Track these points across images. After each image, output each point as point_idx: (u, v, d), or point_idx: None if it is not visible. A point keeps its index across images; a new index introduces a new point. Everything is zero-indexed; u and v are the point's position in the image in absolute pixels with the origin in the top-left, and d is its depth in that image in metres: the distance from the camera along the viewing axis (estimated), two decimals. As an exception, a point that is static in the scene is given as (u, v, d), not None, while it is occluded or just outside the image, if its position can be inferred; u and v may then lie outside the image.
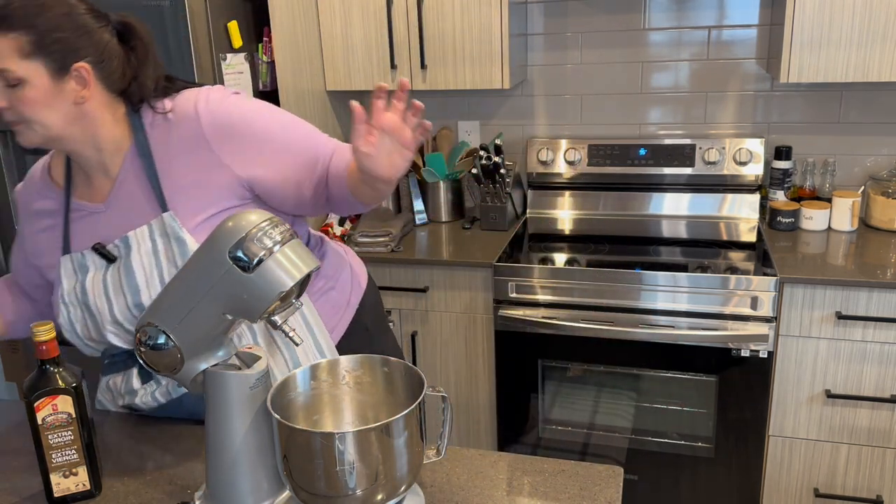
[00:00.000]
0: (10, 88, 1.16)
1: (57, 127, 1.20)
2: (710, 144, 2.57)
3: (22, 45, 1.14)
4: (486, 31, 2.38)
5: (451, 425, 1.12)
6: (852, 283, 2.02)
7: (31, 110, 1.17)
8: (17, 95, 1.16)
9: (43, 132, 1.20)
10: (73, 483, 1.15)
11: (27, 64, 1.15)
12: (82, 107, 1.21)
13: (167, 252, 1.25)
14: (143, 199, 1.27)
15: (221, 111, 1.26)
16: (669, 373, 2.25)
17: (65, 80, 1.18)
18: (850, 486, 2.20)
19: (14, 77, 1.15)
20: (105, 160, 1.28)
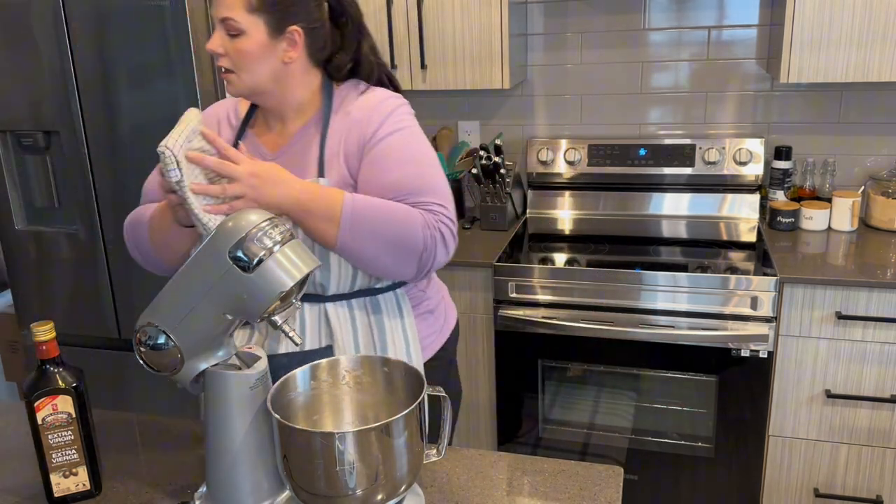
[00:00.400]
0: (231, 37, 1.28)
1: (262, 81, 1.32)
2: (710, 144, 2.57)
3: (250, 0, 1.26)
4: (486, 31, 2.38)
5: (451, 425, 1.12)
6: (852, 283, 2.02)
7: (244, 61, 1.30)
8: (235, 45, 1.28)
9: (249, 83, 1.32)
10: (73, 483, 1.15)
11: (250, 18, 1.27)
12: (286, 67, 1.33)
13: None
14: (309, 160, 1.37)
15: (393, 138, 1.36)
16: (669, 373, 2.25)
17: (278, 40, 1.30)
18: (850, 486, 2.20)
19: (236, 27, 1.27)
20: (290, 117, 1.40)
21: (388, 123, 1.36)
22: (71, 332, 2.55)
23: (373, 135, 1.35)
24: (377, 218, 1.27)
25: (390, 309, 1.43)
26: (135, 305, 2.47)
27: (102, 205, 2.39)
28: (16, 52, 2.31)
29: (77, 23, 2.23)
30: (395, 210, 1.28)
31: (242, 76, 1.32)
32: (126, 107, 2.27)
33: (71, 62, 2.27)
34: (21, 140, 2.42)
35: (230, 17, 1.27)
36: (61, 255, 2.48)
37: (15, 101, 2.37)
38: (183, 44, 2.16)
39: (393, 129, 1.36)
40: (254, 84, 1.33)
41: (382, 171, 1.33)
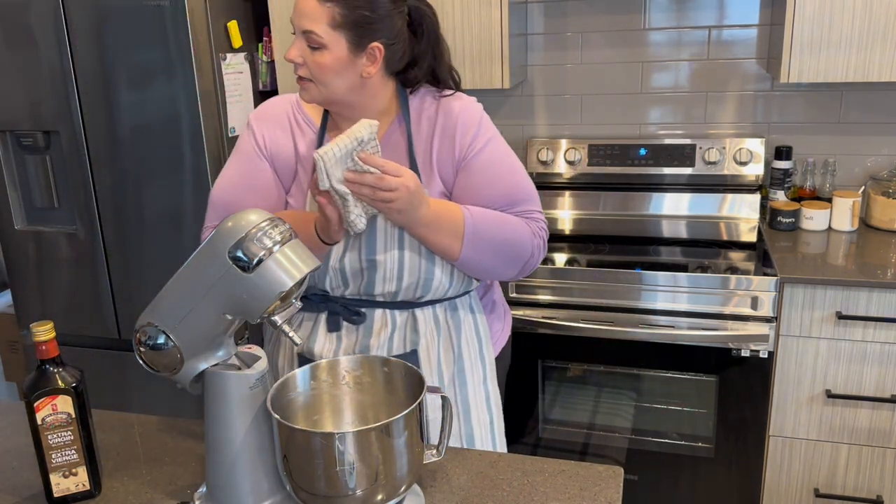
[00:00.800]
0: (312, 49, 1.28)
1: (339, 93, 1.33)
2: (711, 144, 2.57)
3: (334, 15, 1.26)
4: (486, 30, 2.38)
5: (451, 425, 1.12)
6: (852, 283, 2.01)
7: (322, 73, 1.30)
8: (315, 57, 1.28)
9: (325, 94, 1.32)
10: (72, 483, 1.15)
11: (333, 33, 1.27)
12: (364, 80, 1.33)
13: None
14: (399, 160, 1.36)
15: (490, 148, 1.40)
16: (669, 373, 2.25)
17: (359, 56, 1.30)
18: (850, 486, 2.20)
19: (318, 41, 1.27)
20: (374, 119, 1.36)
21: (481, 133, 1.39)
22: (71, 332, 2.55)
23: (470, 145, 1.38)
24: (494, 232, 1.35)
25: (464, 307, 1.47)
26: (135, 305, 2.47)
27: (102, 205, 2.39)
28: (16, 52, 2.31)
29: (77, 23, 2.23)
30: (507, 222, 1.37)
31: (320, 87, 1.32)
32: (126, 107, 2.27)
33: (71, 62, 2.27)
34: (21, 140, 2.42)
35: (313, 30, 1.26)
36: (61, 255, 2.48)
37: (15, 101, 2.37)
38: (183, 44, 2.16)
39: (487, 139, 1.40)
40: (330, 95, 1.33)
41: (488, 184, 1.38)
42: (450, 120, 1.39)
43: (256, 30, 2.47)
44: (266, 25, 2.48)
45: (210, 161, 2.26)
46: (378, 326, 1.40)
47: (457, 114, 1.39)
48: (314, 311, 1.42)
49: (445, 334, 1.44)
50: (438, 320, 1.43)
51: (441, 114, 1.39)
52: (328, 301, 1.40)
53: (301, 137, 1.42)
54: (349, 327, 1.41)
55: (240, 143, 1.44)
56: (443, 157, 1.38)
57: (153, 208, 2.34)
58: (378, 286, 1.37)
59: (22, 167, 2.46)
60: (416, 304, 1.41)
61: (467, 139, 1.38)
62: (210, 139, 2.25)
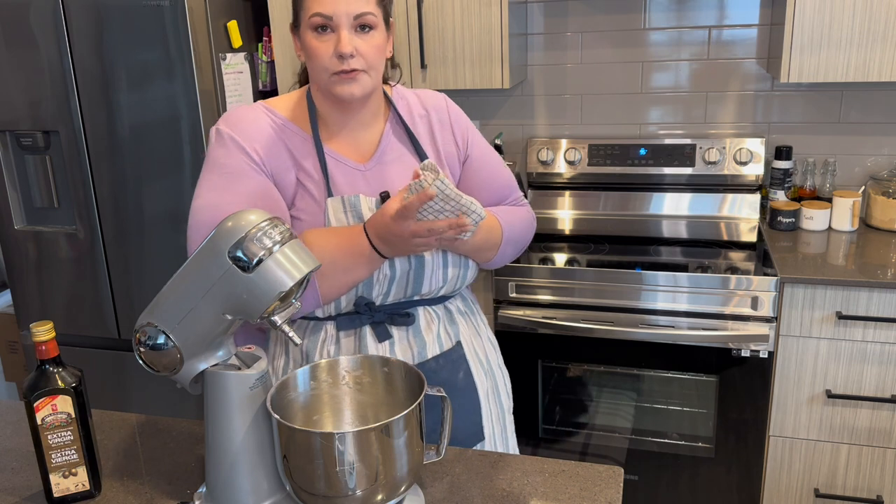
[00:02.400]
0: (360, 34, 1.23)
1: (379, 76, 1.29)
2: (711, 144, 2.57)
3: None
4: (486, 30, 2.38)
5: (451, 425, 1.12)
6: (853, 283, 2.01)
7: (376, 57, 1.25)
8: (368, 42, 1.23)
9: (373, 82, 1.27)
10: (72, 483, 1.15)
11: (378, 11, 1.24)
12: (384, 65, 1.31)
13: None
14: (409, 161, 1.36)
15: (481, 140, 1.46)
16: (670, 373, 2.24)
17: (389, 31, 1.30)
18: (850, 486, 2.20)
19: (373, 21, 1.23)
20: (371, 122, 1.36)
21: (468, 123, 1.43)
22: (71, 332, 2.55)
23: (468, 138, 1.41)
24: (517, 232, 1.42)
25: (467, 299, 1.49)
26: (134, 305, 2.46)
27: (102, 204, 2.39)
28: (16, 52, 2.31)
29: (77, 23, 2.23)
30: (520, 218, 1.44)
31: (371, 74, 1.25)
32: (125, 107, 2.27)
33: (70, 62, 2.27)
34: (21, 140, 2.42)
35: (369, 10, 1.22)
36: (61, 255, 2.48)
37: (15, 100, 2.37)
38: (182, 44, 2.16)
39: (474, 129, 1.45)
40: (375, 83, 1.28)
41: (492, 177, 1.44)
42: (442, 114, 1.40)
43: (256, 30, 2.47)
44: (266, 25, 2.48)
45: (210, 161, 2.25)
46: (425, 325, 1.37)
47: (444, 107, 1.41)
48: (353, 327, 1.33)
49: (471, 323, 1.46)
50: (462, 311, 1.44)
51: (430, 109, 1.40)
52: (372, 311, 1.33)
53: (295, 150, 1.30)
54: (399, 334, 1.35)
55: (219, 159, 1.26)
56: (449, 151, 1.39)
57: (153, 208, 2.34)
58: (426, 284, 1.33)
59: (22, 167, 2.46)
60: (447, 297, 1.41)
61: (464, 132, 1.41)
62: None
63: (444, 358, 1.37)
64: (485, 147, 1.45)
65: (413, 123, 1.39)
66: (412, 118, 1.39)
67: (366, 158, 1.35)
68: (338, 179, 1.32)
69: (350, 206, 1.29)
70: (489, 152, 1.45)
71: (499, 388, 1.49)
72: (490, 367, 1.47)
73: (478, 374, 1.42)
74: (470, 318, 1.46)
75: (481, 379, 1.43)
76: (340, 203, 1.29)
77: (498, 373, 1.50)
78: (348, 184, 1.32)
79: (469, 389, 1.40)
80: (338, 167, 1.32)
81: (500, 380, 1.50)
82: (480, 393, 1.42)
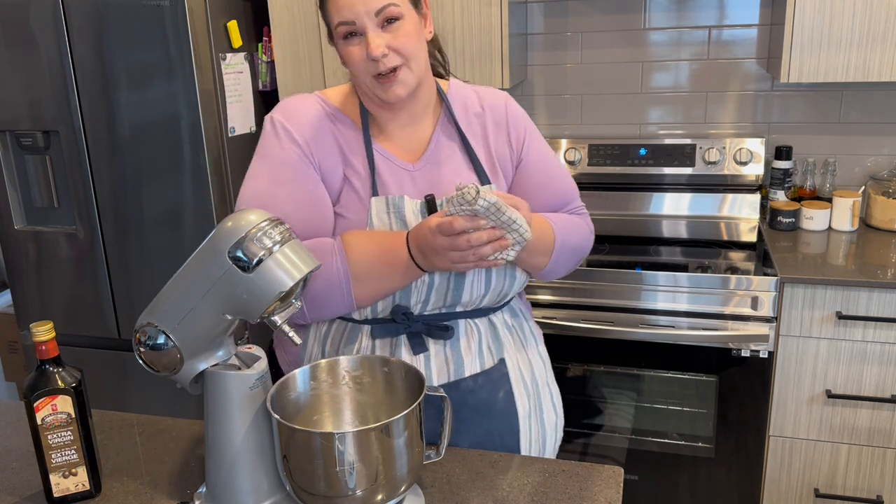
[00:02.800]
0: (387, 30, 1.17)
1: (422, 64, 1.23)
2: (711, 144, 2.57)
3: None
4: (486, 30, 2.38)
5: (451, 425, 1.12)
6: (853, 283, 2.01)
7: (411, 45, 1.19)
8: (398, 34, 1.17)
9: (417, 72, 1.21)
10: (72, 483, 1.15)
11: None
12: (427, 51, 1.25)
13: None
14: (460, 163, 1.30)
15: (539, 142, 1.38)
16: (670, 373, 2.24)
17: (420, 12, 1.23)
18: (850, 486, 2.20)
19: (398, 11, 1.17)
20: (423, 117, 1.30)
21: (530, 128, 1.36)
22: (71, 332, 2.55)
23: (524, 140, 1.34)
24: (572, 240, 1.34)
25: (520, 311, 1.42)
26: (134, 305, 2.46)
27: (102, 205, 2.39)
28: (16, 52, 2.31)
29: (77, 23, 2.23)
30: (577, 228, 1.36)
31: (413, 66, 1.20)
32: (125, 107, 2.27)
33: (70, 62, 2.27)
34: (21, 140, 2.42)
35: (389, 2, 1.16)
36: (61, 255, 2.48)
37: (15, 101, 2.37)
38: (183, 44, 2.16)
39: (535, 134, 1.37)
40: (420, 72, 1.22)
41: (548, 183, 1.36)
42: (499, 114, 1.33)
43: (256, 30, 2.47)
44: (266, 25, 2.48)
45: (210, 161, 2.26)
46: (465, 340, 1.29)
47: (504, 107, 1.34)
48: (388, 336, 1.28)
49: (517, 338, 1.37)
50: (509, 325, 1.36)
51: (487, 108, 1.33)
52: (410, 321, 1.27)
53: (345, 143, 1.28)
54: (436, 347, 1.28)
55: (270, 150, 1.25)
56: (502, 152, 1.33)
57: (153, 208, 2.34)
58: (466, 293, 1.26)
59: (22, 167, 2.46)
60: (491, 309, 1.32)
61: (521, 134, 1.34)
62: (210, 139, 2.25)
63: (484, 377, 1.30)
64: (544, 152, 1.37)
65: (467, 121, 1.32)
66: (467, 116, 1.33)
67: (415, 157, 1.30)
68: (385, 178, 1.27)
69: (394, 206, 1.24)
70: (548, 158, 1.37)
71: (543, 407, 1.40)
72: (536, 386, 1.38)
73: (520, 394, 1.34)
74: (517, 332, 1.38)
75: (523, 400, 1.34)
76: (384, 203, 1.24)
77: (545, 390, 1.41)
78: (395, 183, 1.27)
79: (508, 411, 1.32)
80: (385, 165, 1.28)
81: (546, 398, 1.41)
82: (521, 414, 1.34)
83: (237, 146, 2.37)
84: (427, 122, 1.31)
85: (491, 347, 1.32)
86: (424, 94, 1.29)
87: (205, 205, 2.28)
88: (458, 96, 1.34)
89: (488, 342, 1.32)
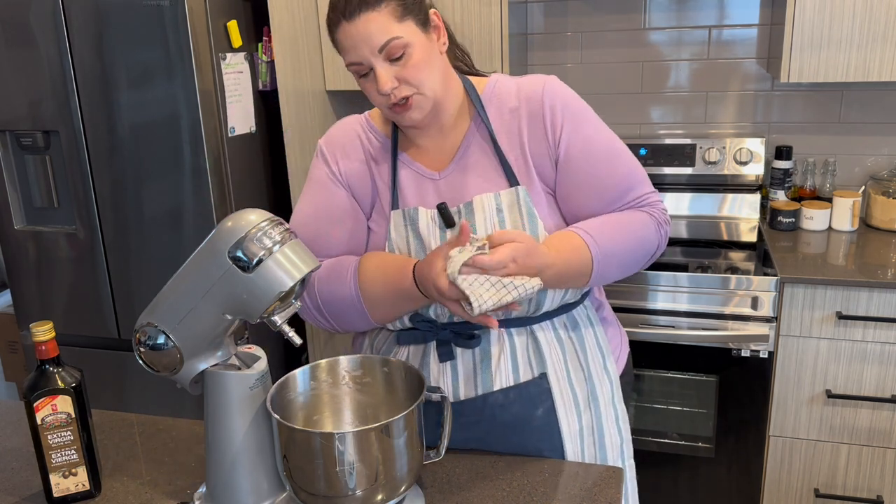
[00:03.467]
0: (395, 62, 1.16)
1: (439, 87, 1.21)
2: (711, 144, 2.57)
3: (394, 9, 1.15)
4: (486, 30, 2.38)
5: (451, 426, 1.12)
6: (853, 283, 2.01)
7: (420, 74, 1.17)
8: (406, 65, 1.16)
9: (432, 95, 1.20)
10: (72, 483, 1.15)
11: (404, 26, 1.15)
12: (444, 61, 1.23)
13: (516, 225, 1.21)
14: (488, 171, 1.25)
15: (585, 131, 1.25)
16: (670, 373, 2.24)
17: (429, 31, 1.20)
18: (850, 486, 2.20)
19: (401, 43, 1.15)
20: (448, 127, 1.28)
21: (568, 114, 1.23)
22: (71, 332, 2.55)
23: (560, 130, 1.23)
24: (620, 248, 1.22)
25: (583, 321, 1.32)
26: (134, 305, 2.46)
27: (102, 205, 2.39)
28: (16, 52, 2.31)
29: (77, 23, 2.23)
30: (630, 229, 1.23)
31: (426, 91, 1.19)
32: (125, 107, 2.26)
33: (70, 62, 2.27)
34: (20, 140, 2.42)
35: (391, 37, 1.14)
36: (61, 255, 2.48)
37: (15, 101, 2.37)
38: (182, 44, 2.16)
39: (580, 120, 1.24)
40: (435, 94, 1.20)
41: (594, 178, 1.23)
42: (534, 104, 1.24)
43: (256, 30, 2.47)
44: (266, 25, 2.48)
45: (210, 161, 2.26)
46: (496, 350, 1.24)
47: (541, 95, 1.24)
48: (421, 343, 1.26)
49: (571, 352, 1.28)
50: (560, 338, 1.27)
51: (523, 100, 1.25)
52: (436, 328, 1.24)
53: (375, 158, 1.30)
54: (464, 357, 1.24)
55: (312, 173, 1.33)
56: (537, 150, 1.24)
57: (153, 208, 2.34)
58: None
59: (22, 167, 2.46)
60: (533, 319, 1.25)
61: (558, 123, 1.23)
62: (210, 139, 2.25)
63: (516, 391, 1.23)
64: (592, 138, 1.24)
65: (501, 120, 1.26)
66: (501, 114, 1.26)
67: (444, 165, 1.27)
68: (406, 190, 1.26)
69: (409, 219, 1.24)
70: (596, 147, 1.24)
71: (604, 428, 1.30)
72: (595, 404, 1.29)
73: (567, 412, 1.25)
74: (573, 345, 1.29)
75: (571, 419, 1.26)
76: (401, 216, 1.25)
77: (608, 410, 1.30)
78: (417, 194, 1.26)
79: (549, 430, 1.25)
80: (410, 176, 1.27)
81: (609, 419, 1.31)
82: (565, 433, 1.25)
83: (237, 146, 2.37)
84: (460, 127, 1.28)
85: (531, 360, 1.25)
86: (450, 105, 1.26)
87: (205, 205, 2.28)
88: (494, 94, 1.28)
89: (528, 355, 1.25)
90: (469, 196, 1.23)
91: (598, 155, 1.24)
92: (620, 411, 1.33)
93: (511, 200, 1.22)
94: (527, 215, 1.21)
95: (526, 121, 1.25)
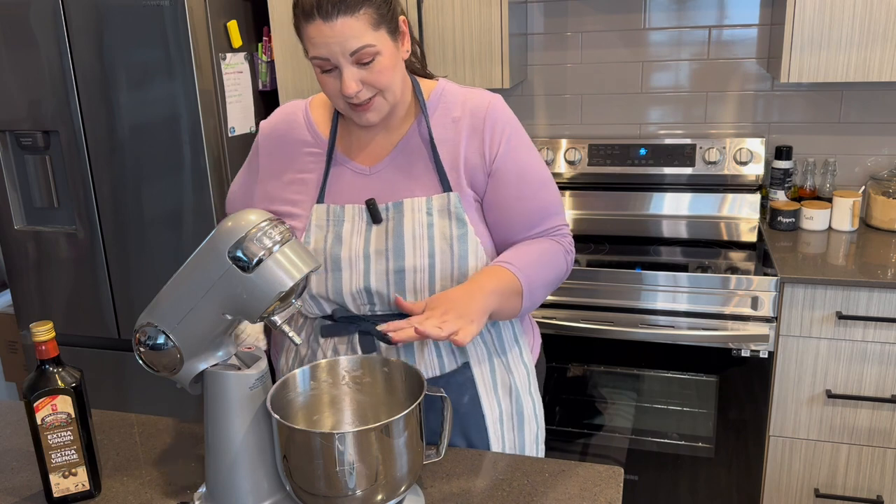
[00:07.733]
0: (363, 67, 1.17)
1: (398, 90, 1.23)
2: (711, 144, 2.57)
3: (370, 16, 1.16)
4: (486, 30, 2.38)
5: (451, 425, 1.12)
6: (853, 283, 2.01)
7: (384, 79, 1.19)
8: (373, 70, 1.18)
9: (391, 100, 1.22)
10: (72, 483, 1.15)
11: (377, 35, 1.17)
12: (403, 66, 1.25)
13: (444, 230, 1.24)
14: (421, 170, 1.28)
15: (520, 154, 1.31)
16: (670, 373, 2.24)
17: (398, 39, 1.22)
18: (850, 486, 2.20)
19: (373, 51, 1.16)
20: (395, 126, 1.30)
21: (512, 136, 1.29)
22: (71, 332, 2.55)
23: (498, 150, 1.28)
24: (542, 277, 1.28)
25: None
26: (134, 305, 2.46)
27: (102, 204, 2.39)
28: (16, 52, 2.31)
29: (77, 23, 2.23)
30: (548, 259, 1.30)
31: (387, 95, 1.21)
32: (125, 107, 2.27)
33: (70, 62, 2.27)
34: (20, 140, 2.42)
35: (364, 45, 1.15)
36: (60, 255, 2.48)
37: (15, 101, 2.37)
38: (182, 44, 2.16)
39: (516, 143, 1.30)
40: (394, 99, 1.23)
41: (521, 197, 1.29)
42: (476, 119, 1.28)
43: (256, 30, 2.47)
44: (266, 25, 2.48)
45: (210, 161, 2.26)
46: (418, 344, 1.28)
47: (484, 113, 1.28)
48: (345, 335, 1.29)
49: (490, 343, 1.34)
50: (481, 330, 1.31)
51: (467, 113, 1.29)
52: (358, 321, 1.27)
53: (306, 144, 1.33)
54: (389, 348, 1.28)
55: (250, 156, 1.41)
56: (473, 161, 1.28)
57: (153, 208, 2.34)
58: (409, 298, 1.25)
59: (22, 167, 2.46)
60: None
61: (496, 142, 1.28)
62: (210, 139, 2.25)
63: (444, 380, 1.29)
64: (525, 163, 1.30)
65: (442, 126, 1.29)
66: (444, 121, 1.29)
67: (378, 159, 1.30)
68: (336, 186, 1.29)
69: (333, 215, 1.27)
70: (527, 170, 1.30)
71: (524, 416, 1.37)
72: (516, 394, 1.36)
73: (489, 400, 1.32)
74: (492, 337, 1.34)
75: (492, 406, 1.32)
76: (325, 211, 1.28)
77: (526, 399, 1.37)
78: (348, 190, 1.28)
79: (475, 416, 1.31)
80: (341, 171, 1.30)
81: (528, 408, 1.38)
82: (489, 421, 1.32)
83: (237, 146, 2.37)
84: (402, 126, 1.31)
85: (454, 350, 1.30)
86: (401, 106, 1.29)
87: (205, 205, 2.29)
88: (440, 100, 1.31)
89: (451, 348, 1.30)
90: (398, 195, 1.27)
91: (528, 179, 1.30)
92: (536, 400, 1.41)
93: (442, 205, 1.26)
94: (456, 220, 1.25)
95: (466, 132, 1.28)
